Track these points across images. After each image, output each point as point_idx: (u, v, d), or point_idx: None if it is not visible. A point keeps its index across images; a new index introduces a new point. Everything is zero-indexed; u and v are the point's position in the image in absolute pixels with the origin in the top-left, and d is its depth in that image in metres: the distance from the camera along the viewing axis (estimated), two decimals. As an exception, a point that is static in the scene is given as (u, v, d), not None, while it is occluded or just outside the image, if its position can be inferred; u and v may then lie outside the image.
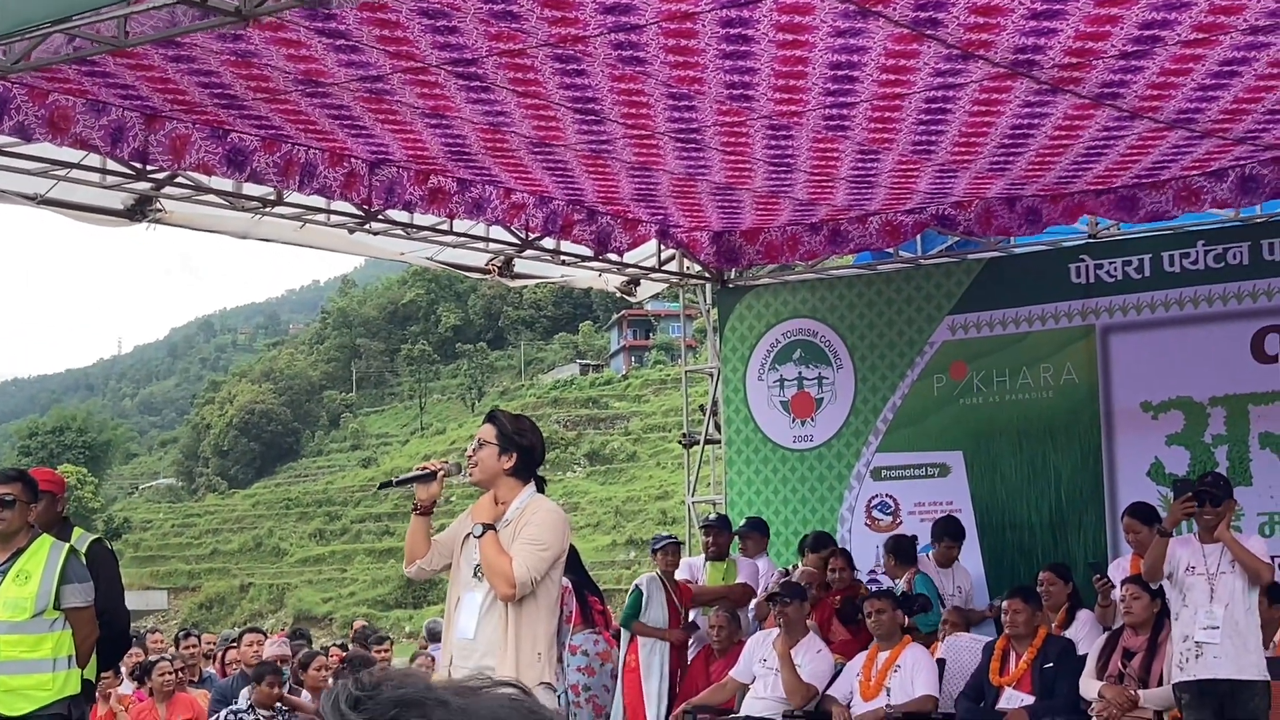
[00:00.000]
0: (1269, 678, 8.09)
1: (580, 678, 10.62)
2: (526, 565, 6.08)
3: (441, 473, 6.45)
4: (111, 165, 9.04)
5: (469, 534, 6.39)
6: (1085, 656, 9.20)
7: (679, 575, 11.23)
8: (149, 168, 8.95)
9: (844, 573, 11.05)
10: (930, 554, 11.18)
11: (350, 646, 14.31)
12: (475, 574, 6.31)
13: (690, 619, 11.12)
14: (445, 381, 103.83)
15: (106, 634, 7.80)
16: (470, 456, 6.41)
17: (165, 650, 14.16)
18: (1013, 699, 9.16)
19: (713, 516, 11.98)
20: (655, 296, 14.81)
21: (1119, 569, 9.98)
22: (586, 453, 75.22)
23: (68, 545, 7.66)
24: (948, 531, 11.17)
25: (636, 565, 51.37)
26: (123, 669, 11.96)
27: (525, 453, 6.35)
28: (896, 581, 10.69)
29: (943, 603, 10.75)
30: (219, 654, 13.82)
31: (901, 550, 10.88)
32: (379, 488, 7.98)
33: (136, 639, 15.73)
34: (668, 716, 10.47)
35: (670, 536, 11.52)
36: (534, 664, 6.19)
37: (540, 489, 6.47)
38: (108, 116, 8.10)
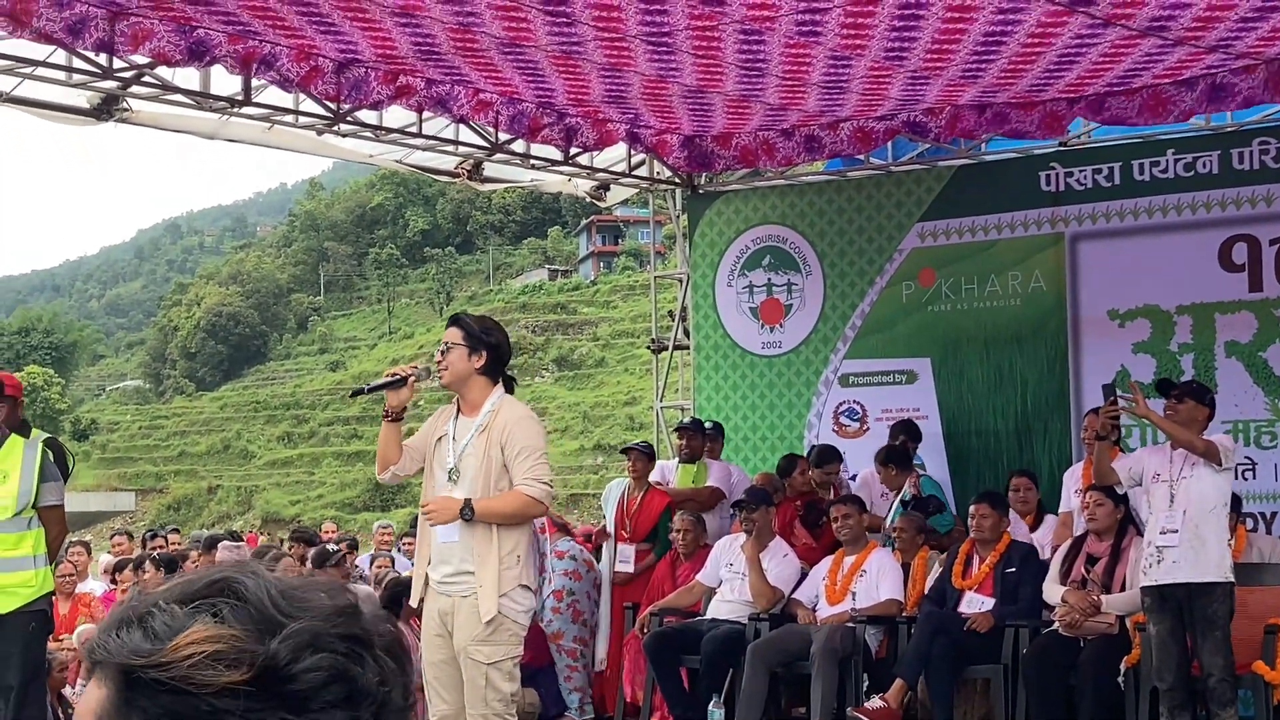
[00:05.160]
0: (1232, 580, 8.17)
1: (566, 582, 10.66)
2: (537, 478, 6.32)
3: (412, 378, 6.49)
4: (78, 63, 8.93)
5: (440, 436, 6.46)
6: (1048, 561, 9.31)
7: (652, 477, 11.25)
8: (115, 66, 8.85)
9: (805, 475, 11.12)
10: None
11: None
12: (450, 478, 6.38)
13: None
14: (413, 285, 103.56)
15: None
16: (439, 361, 6.45)
17: (130, 553, 14.19)
18: (974, 602, 9.27)
19: (686, 420, 12.03)
20: (625, 202, 14.75)
21: (1074, 473, 10.10)
22: (555, 358, 75.31)
23: (40, 443, 7.67)
24: (905, 433, 11.24)
25: (604, 470, 51.58)
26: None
27: (494, 350, 6.43)
28: (893, 492, 10.69)
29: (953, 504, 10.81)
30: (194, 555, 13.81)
31: (895, 458, 10.80)
32: (351, 395, 7.98)
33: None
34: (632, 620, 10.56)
35: (637, 444, 11.41)
36: (513, 566, 6.33)
37: (510, 389, 6.53)
38: (70, 10, 7.99)
